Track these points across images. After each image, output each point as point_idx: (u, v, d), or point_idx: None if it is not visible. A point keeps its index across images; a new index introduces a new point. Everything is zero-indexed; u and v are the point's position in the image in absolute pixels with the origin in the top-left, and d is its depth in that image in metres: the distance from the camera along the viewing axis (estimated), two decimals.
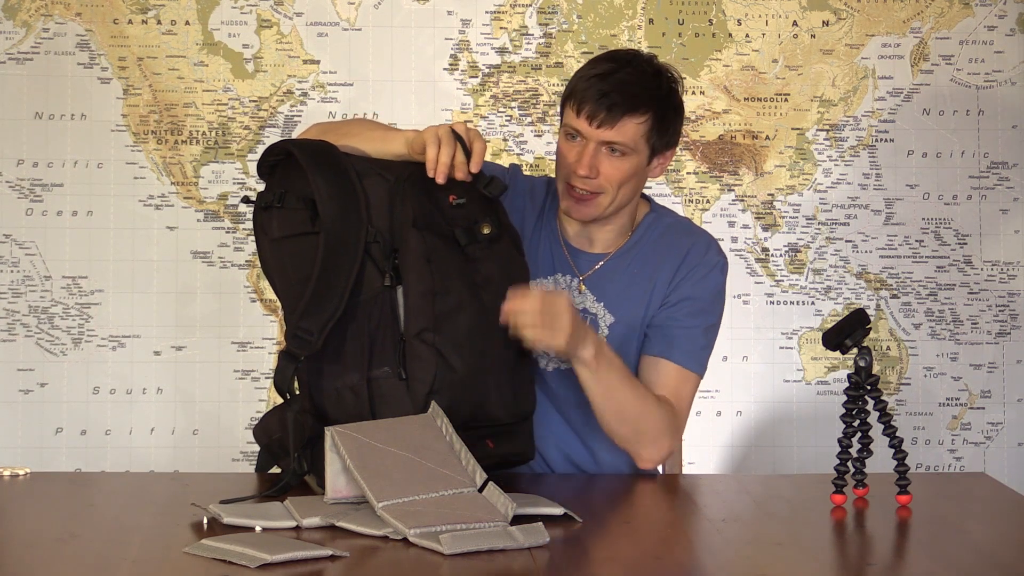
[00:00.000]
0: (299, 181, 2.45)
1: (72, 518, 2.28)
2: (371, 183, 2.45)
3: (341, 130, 2.60)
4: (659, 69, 2.67)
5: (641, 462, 2.63)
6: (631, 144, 2.62)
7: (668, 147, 2.69)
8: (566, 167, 2.65)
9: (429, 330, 2.38)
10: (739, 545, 2.19)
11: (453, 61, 3.80)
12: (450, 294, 2.40)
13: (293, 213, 2.44)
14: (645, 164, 2.66)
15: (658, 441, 2.60)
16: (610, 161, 2.63)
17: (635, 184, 2.67)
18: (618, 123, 2.61)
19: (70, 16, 3.75)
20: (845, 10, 3.83)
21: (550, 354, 2.63)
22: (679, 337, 2.67)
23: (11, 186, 3.75)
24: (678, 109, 2.68)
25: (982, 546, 2.19)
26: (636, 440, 2.60)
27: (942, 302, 3.85)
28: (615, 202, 2.66)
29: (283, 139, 2.55)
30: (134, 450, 3.76)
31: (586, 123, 2.61)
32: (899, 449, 2.36)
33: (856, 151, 3.84)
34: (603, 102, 2.60)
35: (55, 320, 3.75)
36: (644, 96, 2.62)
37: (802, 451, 3.82)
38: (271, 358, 3.78)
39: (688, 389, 2.68)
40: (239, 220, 3.78)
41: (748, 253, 3.83)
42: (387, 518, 2.12)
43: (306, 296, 2.37)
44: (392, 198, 2.44)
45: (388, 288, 2.41)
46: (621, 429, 2.60)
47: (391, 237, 2.42)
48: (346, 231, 2.40)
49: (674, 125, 2.68)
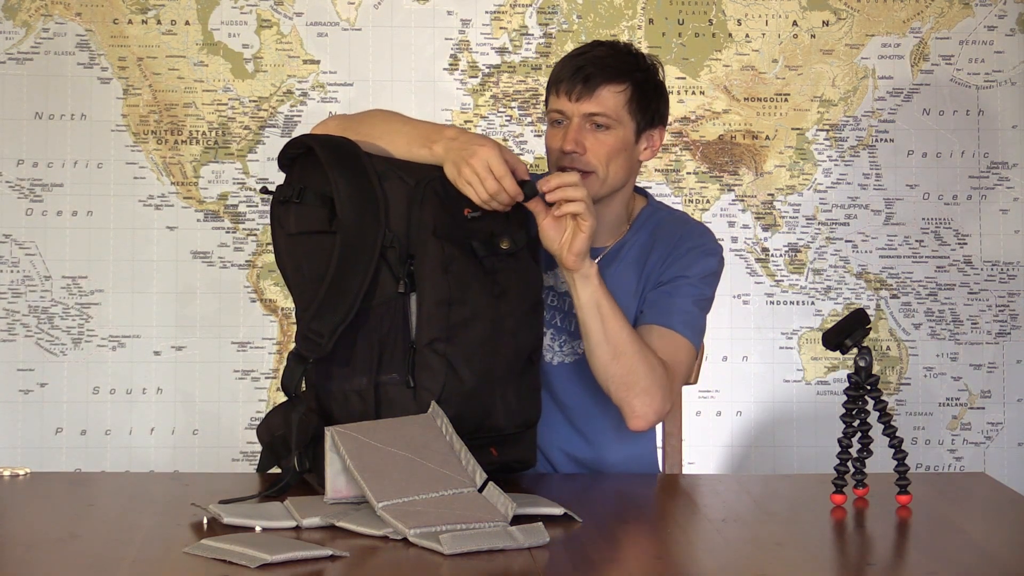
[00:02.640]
0: (319, 178, 2.42)
1: (72, 518, 2.28)
2: (391, 186, 2.42)
3: (363, 127, 2.56)
4: (636, 51, 2.71)
5: (633, 419, 2.58)
6: (612, 114, 2.64)
7: (654, 125, 2.70)
8: (554, 152, 2.67)
9: (441, 340, 2.37)
10: (739, 545, 2.19)
11: (453, 61, 3.80)
12: (465, 305, 2.39)
13: (311, 210, 2.42)
14: (633, 141, 2.67)
15: (650, 392, 2.56)
16: (595, 136, 2.64)
17: (625, 162, 2.67)
18: (595, 92, 2.63)
19: (70, 16, 3.75)
20: (845, 10, 3.83)
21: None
22: (673, 307, 2.66)
23: (11, 186, 3.75)
24: (659, 88, 2.71)
25: (982, 546, 2.19)
26: (628, 387, 2.55)
27: (942, 302, 3.85)
28: (607, 180, 2.66)
29: (305, 133, 2.52)
30: (134, 450, 3.76)
31: (566, 99, 2.64)
32: (899, 449, 2.36)
33: (856, 151, 3.84)
34: (579, 74, 2.64)
35: (55, 320, 3.75)
36: (619, 68, 2.66)
37: (802, 451, 3.82)
38: (271, 358, 3.78)
39: (683, 356, 2.65)
40: (239, 220, 3.78)
41: (748, 253, 3.83)
42: (387, 518, 2.12)
43: (319, 297, 2.36)
44: (411, 202, 2.42)
45: (402, 295, 2.40)
46: (615, 369, 2.55)
47: (407, 242, 2.40)
48: (363, 234, 2.38)
49: (655, 103, 2.70)
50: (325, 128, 2.60)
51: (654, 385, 2.57)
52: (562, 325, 2.73)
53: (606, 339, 2.54)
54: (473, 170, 2.42)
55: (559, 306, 2.73)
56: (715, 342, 3.70)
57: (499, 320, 2.42)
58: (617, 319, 2.54)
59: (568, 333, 2.72)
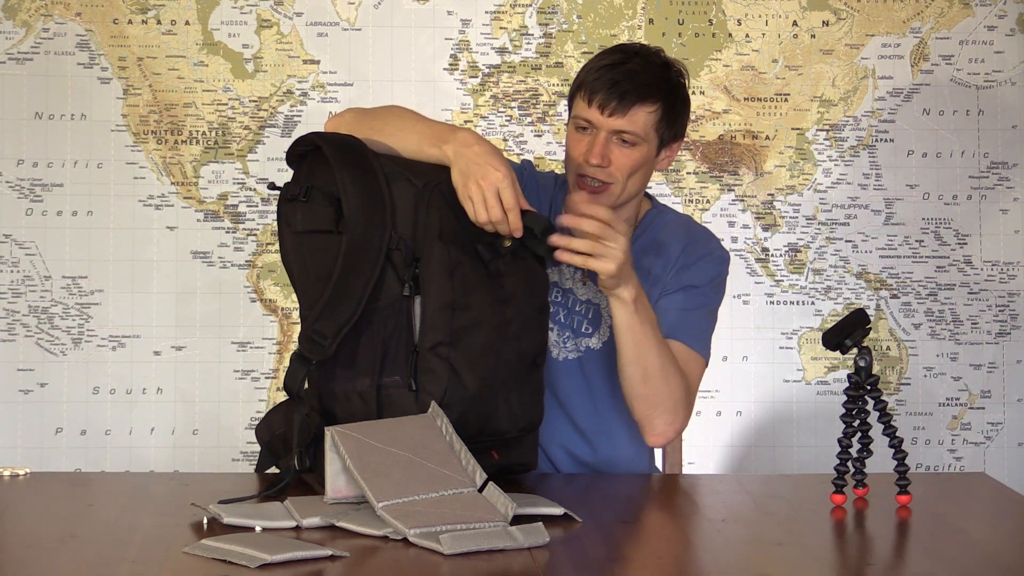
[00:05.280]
0: (327, 176, 2.40)
1: (72, 518, 2.28)
2: (398, 188, 2.40)
3: (377, 122, 2.54)
4: (667, 61, 2.70)
5: (652, 436, 2.60)
6: (641, 133, 2.63)
7: (675, 139, 2.70)
8: (576, 159, 2.66)
9: (444, 344, 2.37)
10: (739, 545, 2.19)
11: (453, 61, 3.80)
12: (470, 309, 2.38)
13: (318, 209, 2.41)
14: (654, 155, 2.68)
15: (673, 412, 2.58)
16: (621, 151, 2.64)
17: (643, 175, 2.69)
18: (629, 112, 2.62)
19: (70, 16, 3.75)
20: (845, 10, 3.83)
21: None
22: (683, 320, 2.67)
23: (11, 186, 3.75)
24: (686, 101, 2.71)
25: (982, 546, 2.19)
26: (653, 406, 2.57)
27: (942, 302, 3.85)
28: (624, 192, 2.67)
29: (315, 131, 2.50)
30: (134, 450, 3.76)
31: (598, 112, 2.62)
32: (899, 449, 2.36)
33: (856, 151, 3.84)
34: (615, 91, 2.61)
35: (55, 320, 3.75)
36: (655, 86, 2.64)
37: (802, 451, 3.82)
38: (271, 358, 3.78)
39: (695, 369, 2.67)
40: (239, 220, 3.78)
41: (748, 253, 3.83)
42: (387, 518, 2.12)
43: (323, 298, 2.35)
44: (417, 205, 2.41)
45: (406, 298, 2.40)
46: (642, 389, 2.56)
47: (413, 245, 2.39)
48: (369, 236, 2.37)
49: (682, 116, 2.70)
50: (341, 120, 2.59)
51: (678, 405, 2.60)
52: (565, 321, 2.73)
53: (638, 361, 2.56)
54: (480, 190, 2.40)
55: (562, 302, 2.73)
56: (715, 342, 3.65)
57: (503, 325, 2.41)
58: (651, 341, 2.55)
59: (571, 330, 2.73)
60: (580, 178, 2.65)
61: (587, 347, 2.72)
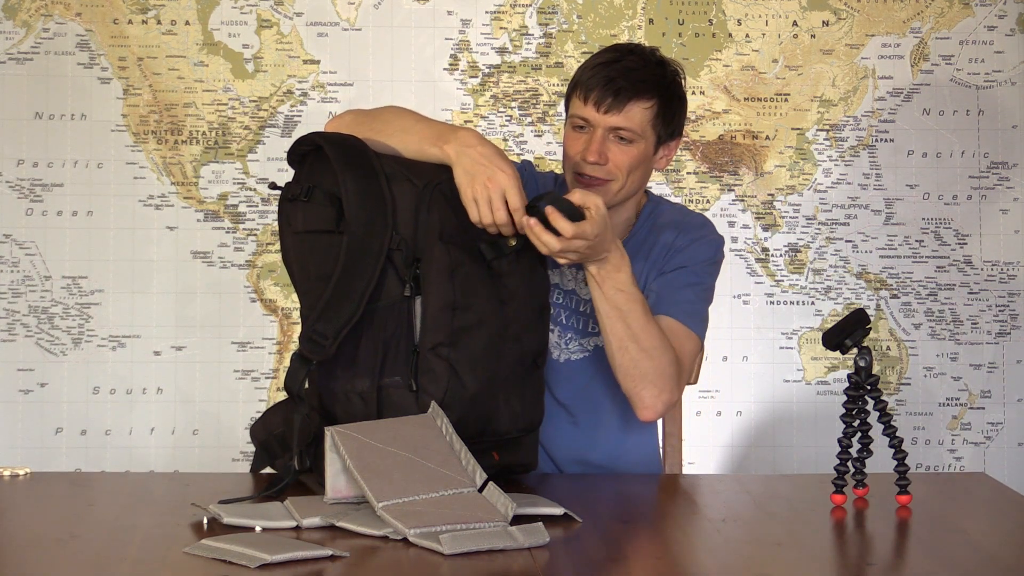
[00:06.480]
0: (328, 177, 2.40)
1: (72, 518, 2.28)
2: (399, 189, 2.40)
3: (377, 123, 2.54)
4: (662, 59, 2.71)
5: (641, 409, 2.57)
6: (638, 130, 2.64)
7: (673, 137, 2.71)
8: (574, 157, 2.66)
9: (445, 345, 2.36)
10: (739, 545, 2.19)
11: (453, 61, 3.80)
12: (471, 310, 2.38)
13: (319, 209, 2.40)
14: (652, 152, 2.68)
15: (660, 386, 2.56)
16: (618, 148, 2.65)
17: (643, 172, 2.69)
18: (625, 108, 2.63)
19: (70, 16, 3.75)
20: (845, 10, 3.83)
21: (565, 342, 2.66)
22: (673, 297, 2.67)
23: (11, 186, 3.75)
24: (682, 99, 2.71)
25: (982, 546, 2.19)
26: (636, 380, 2.55)
27: (942, 302, 3.85)
28: (624, 189, 2.67)
29: (316, 131, 2.50)
30: (134, 450, 3.76)
31: (593, 110, 2.63)
32: (899, 449, 2.36)
33: (856, 151, 3.84)
34: (610, 87, 2.62)
35: (55, 320, 3.75)
36: (650, 82, 2.65)
37: (802, 451, 3.82)
38: (271, 358, 3.78)
39: (689, 347, 2.65)
40: (239, 220, 3.78)
41: (748, 253, 3.83)
42: (387, 518, 2.12)
43: (324, 299, 2.35)
44: (418, 205, 2.40)
45: (407, 298, 2.39)
46: (624, 362, 2.55)
47: (414, 245, 2.39)
48: (370, 237, 2.36)
49: (679, 114, 2.71)
50: (340, 121, 2.59)
51: (664, 379, 2.56)
52: (568, 323, 2.73)
53: (613, 332, 2.54)
54: (487, 192, 2.40)
55: (565, 303, 2.74)
56: (715, 342, 3.70)
57: (504, 326, 2.41)
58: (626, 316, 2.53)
59: (575, 331, 2.73)
60: (578, 176, 2.66)
61: (595, 345, 2.72)
